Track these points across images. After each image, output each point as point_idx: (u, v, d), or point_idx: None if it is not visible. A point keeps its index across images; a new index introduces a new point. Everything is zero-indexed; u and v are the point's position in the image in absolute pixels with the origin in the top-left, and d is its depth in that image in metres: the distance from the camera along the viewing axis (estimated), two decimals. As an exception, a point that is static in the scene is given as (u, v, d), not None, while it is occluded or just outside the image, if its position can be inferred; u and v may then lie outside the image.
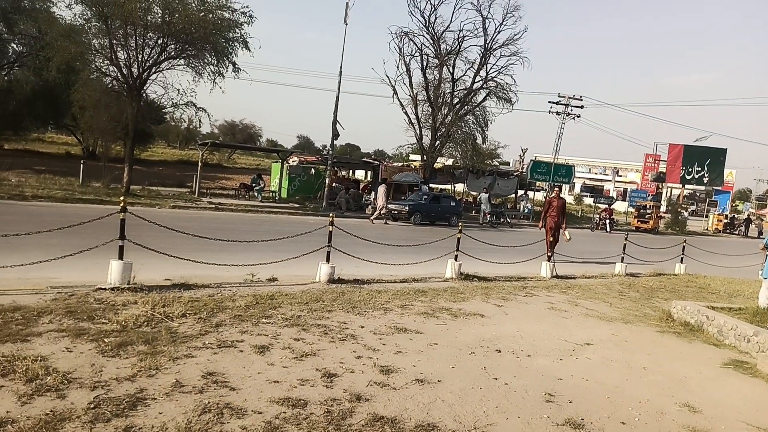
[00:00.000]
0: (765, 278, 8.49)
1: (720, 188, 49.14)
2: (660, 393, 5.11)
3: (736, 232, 40.52)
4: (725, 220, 41.84)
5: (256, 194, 25.42)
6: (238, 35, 22.01)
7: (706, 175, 40.58)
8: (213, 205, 20.42)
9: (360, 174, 44.10)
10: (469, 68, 29.76)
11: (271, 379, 4.36)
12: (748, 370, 6.08)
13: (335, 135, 24.47)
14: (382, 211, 21.43)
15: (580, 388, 5.02)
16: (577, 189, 66.68)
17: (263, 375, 4.43)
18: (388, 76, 29.60)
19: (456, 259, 10.17)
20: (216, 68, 21.99)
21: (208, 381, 4.17)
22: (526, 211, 33.28)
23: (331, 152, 25.82)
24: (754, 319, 7.54)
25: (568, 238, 13.83)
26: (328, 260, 8.63)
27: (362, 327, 6.16)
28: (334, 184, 26.49)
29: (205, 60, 21.82)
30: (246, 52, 22.39)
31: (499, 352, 5.87)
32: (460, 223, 12.02)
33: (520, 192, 36.75)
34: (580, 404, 4.60)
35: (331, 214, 9.07)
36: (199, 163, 25.83)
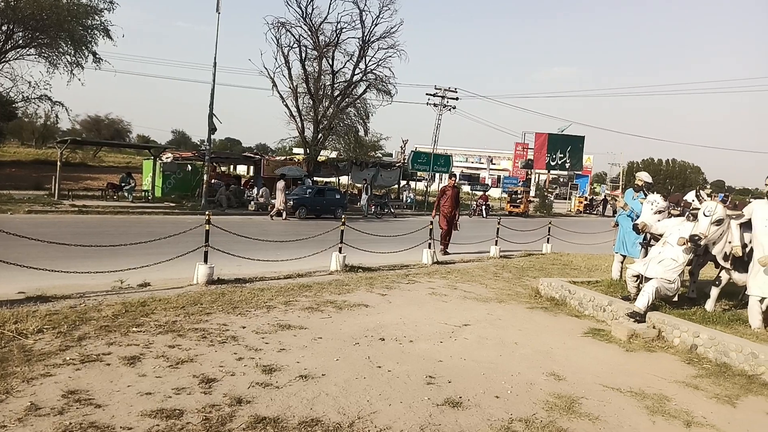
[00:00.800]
0: (617, 252, 9.43)
1: (580, 172, 53.94)
2: (530, 365, 5.49)
3: (595, 212, 44.70)
4: (585, 202, 45.98)
5: (126, 194, 23.72)
6: (98, 22, 20.37)
7: (568, 161, 44.25)
8: (76, 208, 18.76)
9: (241, 169, 42.81)
10: (348, 60, 29.96)
11: (143, 391, 4.09)
12: (604, 337, 6.72)
13: (212, 129, 23.48)
14: (281, 207, 21.10)
15: (459, 368, 5.26)
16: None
17: (134, 388, 4.14)
18: (266, 68, 29.00)
19: (340, 252, 10.21)
20: (73, 58, 20.23)
21: (69, 400, 3.82)
22: (409, 200, 34.26)
23: (208, 147, 24.76)
24: (609, 290, 8.35)
25: (457, 229, 14.07)
26: (205, 260, 8.27)
27: (244, 327, 5.98)
28: (213, 181, 25.46)
29: (60, 49, 19.97)
30: (108, 41, 20.80)
31: (383, 340, 5.98)
32: (343, 216, 12.06)
33: (403, 182, 37.73)
34: (458, 383, 4.82)
35: (207, 212, 8.69)
36: (59, 163, 23.56)
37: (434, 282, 9.66)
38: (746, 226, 6.68)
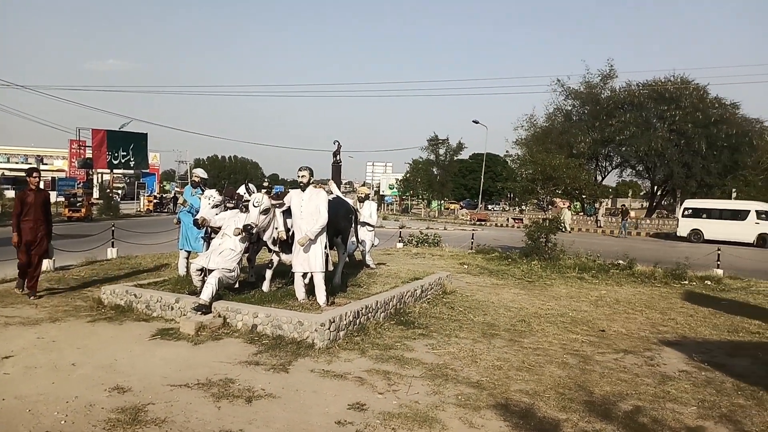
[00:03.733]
0: (181, 249, 9.50)
1: (147, 171, 52.50)
2: (90, 385, 4.94)
3: (166, 210, 44.39)
4: (155, 200, 45.15)
5: None
6: None
7: (132, 159, 42.41)
8: None
9: None
10: None
11: None
12: (174, 336, 6.64)
13: None
14: None
15: (-6, 412, 4.30)
16: (-4, 181, 58.03)
17: None
18: None
19: None
20: None
21: None
22: None
23: None
24: (177, 287, 8.32)
25: (49, 256, 10.01)
26: None
27: None
28: None
29: None
30: None
31: None
32: None
33: None
34: (-8, 433, 3.93)
35: None
36: None
37: (-39, 313, 7.69)
38: (288, 212, 7.66)
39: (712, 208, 29.77)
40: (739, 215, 28.00)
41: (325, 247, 7.47)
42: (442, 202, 60.39)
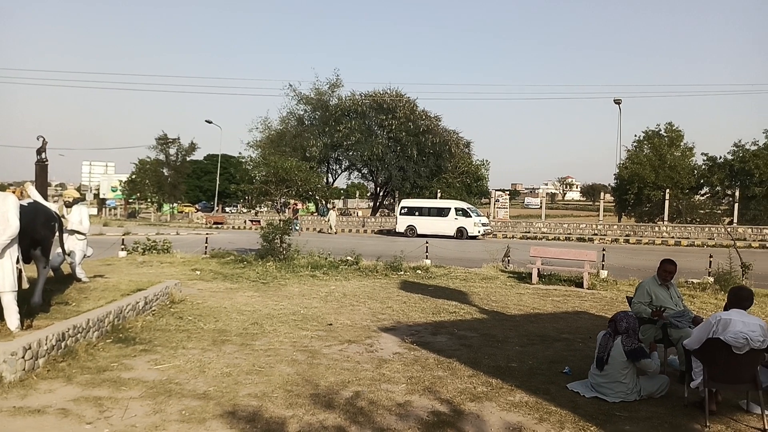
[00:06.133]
0: None
1: None
2: None
3: None
4: None
5: None
6: None
7: None
8: None
9: None
10: None
11: None
12: None
13: None
14: None
15: None
16: None
17: None
18: None
19: None
20: None
21: None
22: None
23: None
24: None
25: None
26: None
27: None
28: None
29: None
30: None
31: None
32: None
33: None
34: None
35: None
36: None
37: None
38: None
39: (423, 206, 34.27)
40: (443, 212, 32.78)
41: (18, 262, 6.30)
42: (175, 205, 56.93)
